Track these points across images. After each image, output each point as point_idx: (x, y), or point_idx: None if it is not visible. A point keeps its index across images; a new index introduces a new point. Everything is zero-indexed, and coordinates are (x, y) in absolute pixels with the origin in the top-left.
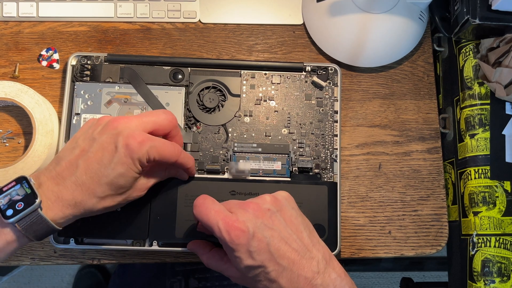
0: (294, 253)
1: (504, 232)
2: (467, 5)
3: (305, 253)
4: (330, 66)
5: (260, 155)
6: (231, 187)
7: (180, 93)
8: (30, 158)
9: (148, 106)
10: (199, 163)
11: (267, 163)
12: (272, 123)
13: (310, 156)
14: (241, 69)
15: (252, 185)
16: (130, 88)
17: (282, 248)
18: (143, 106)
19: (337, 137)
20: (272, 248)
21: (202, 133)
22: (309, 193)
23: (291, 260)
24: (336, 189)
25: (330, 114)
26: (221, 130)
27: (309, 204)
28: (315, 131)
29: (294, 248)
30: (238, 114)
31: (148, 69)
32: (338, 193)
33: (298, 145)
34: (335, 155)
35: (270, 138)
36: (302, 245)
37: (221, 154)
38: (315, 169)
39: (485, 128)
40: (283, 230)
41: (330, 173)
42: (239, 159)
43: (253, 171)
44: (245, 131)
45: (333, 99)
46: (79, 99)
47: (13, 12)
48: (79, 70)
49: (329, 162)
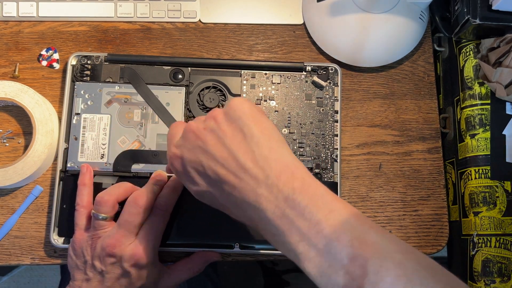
0: (231, 176)
1: (504, 232)
2: (467, 5)
3: (243, 175)
4: (331, 66)
5: None
6: None
7: (180, 93)
8: (30, 158)
9: (148, 106)
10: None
11: None
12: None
13: (310, 156)
14: (242, 69)
15: None
16: (131, 88)
17: (218, 172)
18: (143, 106)
19: (338, 137)
20: (209, 171)
21: None
22: None
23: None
24: (336, 189)
25: (331, 114)
26: None
27: None
28: (316, 131)
29: (230, 171)
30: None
31: (148, 69)
32: (339, 193)
33: (298, 145)
34: (335, 155)
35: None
36: (238, 166)
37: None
38: (315, 169)
39: (485, 128)
40: (218, 151)
41: (331, 173)
42: None
43: None
44: None
45: (333, 98)
46: (79, 99)
47: (13, 12)
48: (79, 70)
49: (329, 162)
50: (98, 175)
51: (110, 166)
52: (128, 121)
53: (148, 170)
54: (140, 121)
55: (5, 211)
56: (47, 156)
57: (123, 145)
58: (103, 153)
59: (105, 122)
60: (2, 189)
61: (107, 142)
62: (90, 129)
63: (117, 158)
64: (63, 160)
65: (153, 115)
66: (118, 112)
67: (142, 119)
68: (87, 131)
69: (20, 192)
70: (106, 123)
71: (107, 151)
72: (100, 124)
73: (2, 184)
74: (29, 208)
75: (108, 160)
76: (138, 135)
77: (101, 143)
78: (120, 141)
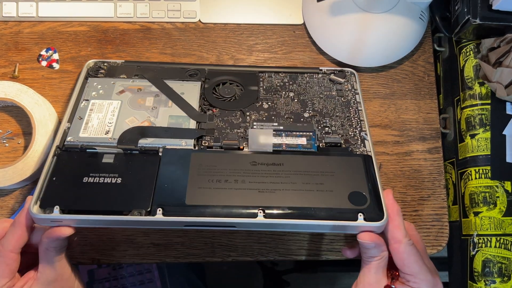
0: None
1: (504, 233)
2: (467, 5)
3: None
4: (347, 69)
5: (282, 132)
6: (252, 158)
7: (196, 85)
8: (30, 158)
9: (162, 94)
10: (214, 139)
11: (290, 139)
12: (292, 108)
13: (338, 134)
14: (258, 73)
15: (275, 157)
16: (145, 82)
17: None
18: (156, 94)
19: (365, 122)
20: None
21: (218, 116)
22: (342, 164)
23: None
24: (371, 162)
25: (353, 102)
26: (239, 114)
27: (344, 173)
28: (340, 114)
29: None
30: (257, 101)
31: (164, 69)
32: (375, 165)
33: (322, 125)
34: (365, 133)
35: (292, 120)
36: None
37: (239, 133)
38: (344, 144)
39: (485, 128)
40: None
41: (362, 147)
42: (259, 134)
43: (276, 145)
44: (264, 114)
45: (353, 91)
46: (90, 89)
47: (13, 12)
48: (94, 70)
49: (358, 139)
50: (99, 147)
51: (114, 141)
52: (139, 105)
53: (157, 145)
54: (152, 106)
55: (5, 211)
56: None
57: (132, 124)
58: (108, 129)
59: (114, 106)
60: (2, 189)
61: (114, 121)
62: (98, 111)
63: (124, 133)
64: (62, 139)
65: (166, 101)
66: (129, 98)
67: (155, 104)
68: (94, 113)
69: (20, 193)
70: (116, 107)
71: (113, 128)
72: (109, 108)
73: (2, 185)
74: None
75: (113, 136)
76: (149, 116)
77: (107, 122)
78: (128, 120)
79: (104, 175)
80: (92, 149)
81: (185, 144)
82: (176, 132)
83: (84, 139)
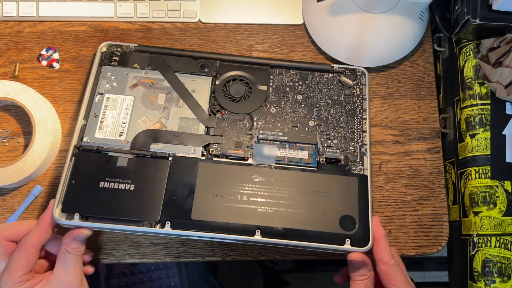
0: None
1: (504, 232)
2: (467, 5)
3: None
4: (358, 68)
5: (286, 143)
6: (254, 172)
7: (206, 82)
8: (30, 157)
9: (173, 91)
10: (221, 148)
11: (293, 152)
12: (299, 115)
13: (339, 148)
14: (269, 67)
15: (276, 172)
16: (157, 74)
17: None
18: (168, 90)
19: (367, 133)
20: None
21: (226, 120)
22: (338, 184)
23: None
24: (366, 182)
25: (359, 111)
26: (246, 118)
27: (338, 194)
28: (344, 125)
29: None
30: (264, 104)
31: (177, 60)
32: (369, 186)
33: (325, 137)
34: (364, 148)
35: (297, 129)
36: None
37: (245, 141)
38: (344, 161)
39: (485, 128)
40: None
41: (360, 165)
42: (263, 147)
43: (279, 158)
44: (271, 120)
45: (361, 97)
46: (104, 80)
47: (13, 12)
48: (108, 55)
49: (358, 155)
50: (113, 151)
51: (128, 144)
52: (151, 103)
53: (167, 151)
54: (163, 104)
55: (4, 210)
56: (47, 155)
57: (144, 125)
58: (122, 131)
59: (127, 102)
60: (2, 188)
61: (127, 121)
62: (112, 108)
63: (136, 136)
64: (79, 137)
65: (177, 99)
66: (142, 94)
67: (166, 103)
68: (108, 110)
69: (20, 192)
70: (129, 103)
71: (126, 129)
72: (122, 104)
73: (2, 184)
74: (29, 207)
75: (127, 138)
76: (160, 117)
77: (121, 122)
78: (141, 121)
79: (118, 181)
80: (107, 151)
81: (193, 152)
82: (185, 138)
83: (100, 141)
